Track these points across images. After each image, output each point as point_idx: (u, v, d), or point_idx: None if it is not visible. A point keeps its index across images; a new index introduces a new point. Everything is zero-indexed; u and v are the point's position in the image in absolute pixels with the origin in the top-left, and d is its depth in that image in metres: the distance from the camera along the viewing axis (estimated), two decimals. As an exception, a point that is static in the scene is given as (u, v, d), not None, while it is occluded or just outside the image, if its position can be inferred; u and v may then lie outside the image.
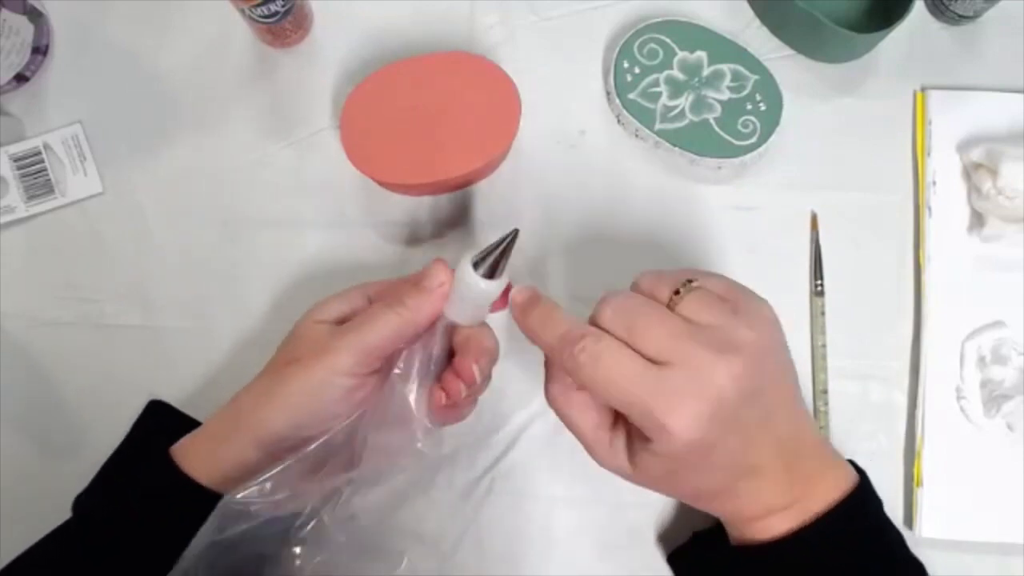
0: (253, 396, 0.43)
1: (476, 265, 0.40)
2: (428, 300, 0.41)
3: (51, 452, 0.53)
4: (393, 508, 0.49)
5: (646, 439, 0.38)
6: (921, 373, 0.53)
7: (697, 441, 0.36)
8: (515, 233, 0.40)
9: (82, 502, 0.45)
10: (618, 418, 0.40)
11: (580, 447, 0.51)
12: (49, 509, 0.44)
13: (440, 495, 0.52)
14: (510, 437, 0.53)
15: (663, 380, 0.36)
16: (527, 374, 0.47)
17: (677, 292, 0.39)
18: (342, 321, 0.43)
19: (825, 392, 0.53)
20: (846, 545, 0.40)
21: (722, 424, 0.37)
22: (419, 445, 0.43)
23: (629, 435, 0.40)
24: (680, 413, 0.36)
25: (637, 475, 0.40)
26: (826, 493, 0.41)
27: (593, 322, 0.39)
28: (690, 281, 0.39)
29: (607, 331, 0.38)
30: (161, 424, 0.50)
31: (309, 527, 0.44)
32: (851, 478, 0.42)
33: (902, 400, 0.53)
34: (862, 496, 0.42)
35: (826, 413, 0.53)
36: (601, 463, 0.41)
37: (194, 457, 0.43)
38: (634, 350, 0.37)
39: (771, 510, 0.40)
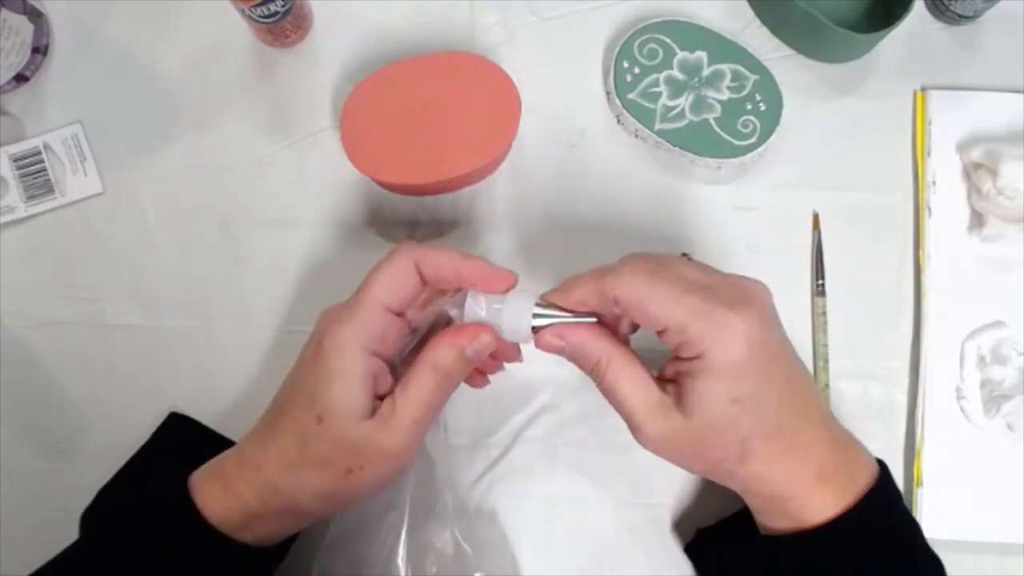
0: (315, 499, 0.41)
1: (535, 326, 0.41)
2: (471, 367, 0.42)
3: (51, 452, 0.53)
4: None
5: (701, 365, 0.38)
6: (921, 373, 0.53)
7: (756, 341, 0.37)
8: (593, 321, 0.41)
9: (94, 526, 0.44)
10: (660, 378, 0.41)
11: (579, 446, 0.52)
12: (49, 509, 0.44)
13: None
14: (509, 438, 0.52)
15: (714, 290, 0.38)
16: (526, 375, 0.47)
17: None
18: (377, 384, 0.40)
19: (825, 391, 0.53)
20: (880, 534, 0.41)
21: (772, 334, 0.39)
22: None
23: (676, 385, 0.39)
24: (739, 311, 0.37)
25: (691, 423, 0.38)
26: (867, 465, 0.42)
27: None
28: (685, 254, 0.41)
29: None
30: (181, 440, 0.50)
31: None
32: (872, 461, 0.43)
33: (902, 400, 0.53)
34: (886, 481, 0.42)
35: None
36: (651, 436, 0.39)
37: (238, 530, 0.41)
38: None
39: (823, 471, 0.40)
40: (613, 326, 0.42)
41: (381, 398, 0.40)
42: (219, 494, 0.41)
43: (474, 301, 0.41)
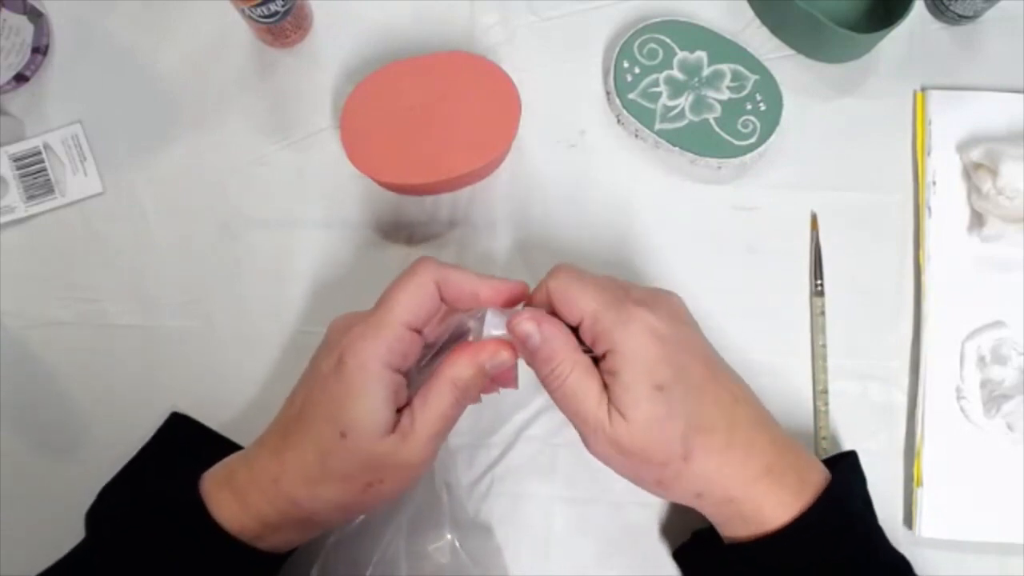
0: (332, 510, 0.42)
1: None
2: (486, 382, 0.42)
3: (51, 452, 0.53)
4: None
5: (617, 360, 0.39)
6: (921, 373, 0.52)
7: (661, 333, 0.39)
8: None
9: (101, 526, 0.44)
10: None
11: (579, 446, 0.52)
12: (49, 509, 0.44)
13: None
14: (509, 438, 0.53)
15: (629, 292, 0.41)
16: (525, 376, 0.47)
17: None
18: (397, 398, 0.41)
19: (825, 392, 0.53)
20: (844, 527, 0.41)
21: (681, 330, 0.41)
22: None
23: (611, 394, 0.40)
24: (647, 307, 0.40)
25: (632, 425, 0.39)
26: (817, 466, 0.43)
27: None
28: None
29: None
30: (183, 440, 0.50)
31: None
32: (821, 465, 0.44)
33: (902, 400, 0.53)
34: (842, 481, 0.43)
35: (826, 413, 0.53)
36: (604, 441, 0.40)
37: (241, 530, 0.41)
38: None
39: (770, 469, 0.40)
40: None
41: (398, 410, 0.41)
42: (233, 505, 0.41)
43: (493, 318, 0.41)
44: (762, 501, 0.40)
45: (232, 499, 0.41)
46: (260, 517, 0.41)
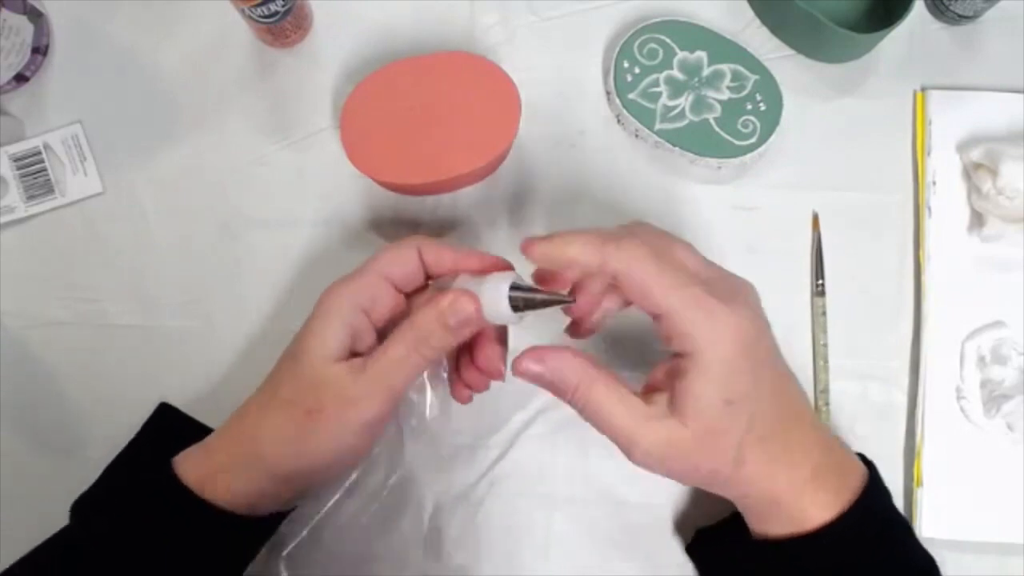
0: (274, 442, 0.42)
1: (512, 300, 0.40)
2: (453, 338, 0.41)
3: (51, 452, 0.53)
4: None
5: (693, 363, 0.37)
6: (921, 373, 0.53)
7: (748, 340, 0.38)
8: (571, 301, 0.41)
9: (83, 509, 0.44)
10: (648, 389, 0.41)
11: (579, 446, 0.52)
12: (49, 509, 0.44)
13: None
14: (509, 437, 0.53)
15: (711, 285, 0.38)
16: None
17: None
18: (357, 340, 0.42)
19: (826, 392, 0.53)
20: (875, 536, 0.41)
21: (763, 335, 0.40)
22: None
23: (666, 393, 0.39)
24: (734, 308, 0.38)
25: (688, 428, 0.38)
26: (855, 465, 0.43)
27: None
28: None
29: None
30: (169, 430, 0.50)
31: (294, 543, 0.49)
32: (858, 461, 0.44)
33: (902, 400, 0.53)
34: (877, 481, 0.43)
35: (827, 413, 0.53)
36: (647, 451, 0.39)
37: (207, 485, 0.42)
38: None
39: (817, 472, 0.40)
40: (595, 303, 0.43)
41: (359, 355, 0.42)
42: (196, 453, 0.44)
43: (463, 281, 0.43)
44: (806, 503, 0.40)
45: (197, 450, 0.44)
46: (211, 457, 0.43)
